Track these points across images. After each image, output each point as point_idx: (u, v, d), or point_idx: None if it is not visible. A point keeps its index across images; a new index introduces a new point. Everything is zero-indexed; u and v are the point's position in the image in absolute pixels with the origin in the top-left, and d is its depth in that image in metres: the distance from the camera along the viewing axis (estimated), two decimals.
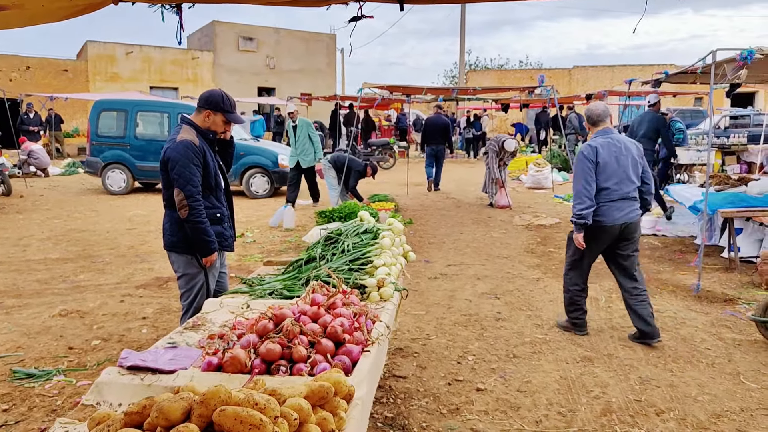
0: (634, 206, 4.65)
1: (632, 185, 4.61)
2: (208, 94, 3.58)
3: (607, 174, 4.56)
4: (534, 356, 4.40)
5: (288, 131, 10.94)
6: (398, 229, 4.13)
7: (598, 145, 4.60)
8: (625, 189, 4.57)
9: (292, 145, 10.78)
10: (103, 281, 6.42)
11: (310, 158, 10.71)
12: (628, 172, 4.59)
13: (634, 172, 4.62)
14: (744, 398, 3.71)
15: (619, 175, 4.56)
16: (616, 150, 4.59)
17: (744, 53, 5.73)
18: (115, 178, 13.23)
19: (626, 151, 4.62)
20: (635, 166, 4.64)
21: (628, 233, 4.64)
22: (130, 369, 2.37)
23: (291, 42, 30.38)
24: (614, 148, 4.60)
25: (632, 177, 4.61)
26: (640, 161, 4.68)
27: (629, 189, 4.59)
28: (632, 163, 4.62)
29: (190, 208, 3.42)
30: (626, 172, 4.58)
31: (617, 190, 4.55)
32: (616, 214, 4.55)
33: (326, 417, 1.87)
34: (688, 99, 27.72)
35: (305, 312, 2.68)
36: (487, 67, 46.35)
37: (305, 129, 10.63)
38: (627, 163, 4.59)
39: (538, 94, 13.13)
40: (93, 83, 25.37)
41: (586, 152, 4.61)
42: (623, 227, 4.58)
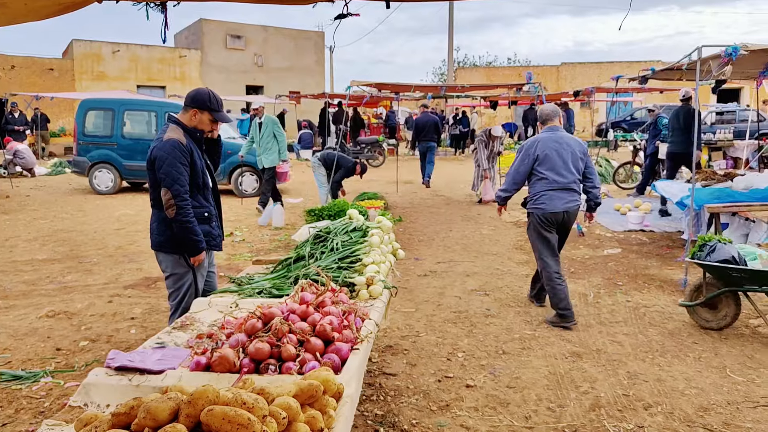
0: (575, 197, 5.08)
1: (571, 177, 5.04)
2: (195, 93, 3.56)
3: (548, 165, 5.01)
4: (523, 352, 4.42)
5: (253, 128, 10.26)
6: (387, 226, 4.13)
7: (541, 140, 5.10)
8: (564, 180, 5.01)
9: (256, 143, 10.15)
10: (91, 282, 6.38)
11: (272, 158, 10.11)
12: (567, 165, 5.01)
13: (574, 166, 5.04)
14: (730, 391, 3.75)
15: (559, 167, 5.00)
16: (558, 145, 5.04)
17: (729, 50, 5.79)
18: (103, 177, 13.13)
19: (567, 147, 5.06)
20: (576, 161, 5.06)
21: (568, 222, 5.12)
22: (118, 370, 2.36)
23: (279, 40, 30.27)
24: (556, 144, 5.05)
25: (572, 170, 5.03)
26: (582, 157, 5.11)
27: (568, 180, 5.02)
28: (572, 158, 5.04)
29: (178, 207, 3.40)
30: (566, 165, 5.01)
31: (557, 180, 5.00)
32: (557, 202, 5.00)
33: (315, 415, 1.87)
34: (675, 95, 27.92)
35: (294, 311, 2.67)
36: (475, 65, 46.43)
37: (270, 127, 10.04)
38: (567, 158, 5.02)
39: (526, 91, 13.18)
40: (79, 82, 25.15)
41: (527, 144, 5.18)
42: (563, 215, 5.03)
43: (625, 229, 8.92)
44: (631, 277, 6.39)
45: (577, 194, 5.11)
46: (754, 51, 6.05)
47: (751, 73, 8.39)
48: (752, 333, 4.74)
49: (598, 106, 29.00)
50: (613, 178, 13.93)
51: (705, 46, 6.05)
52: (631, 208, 10.07)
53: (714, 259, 4.74)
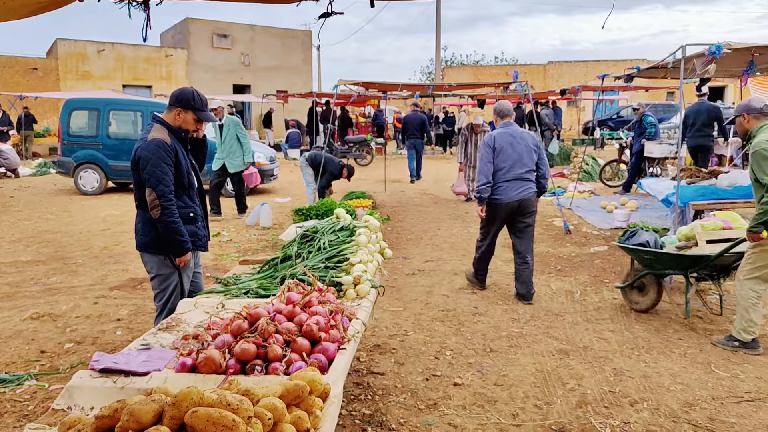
0: (529, 186, 5.54)
1: (525, 168, 5.51)
2: (179, 92, 3.53)
3: (503, 158, 5.49)
4: (510, 350, 4.44)
5: (214, 131, 9.66)
6: (374, 226, 4.12)
7: (497, 135, 5.59)
8: (518, 170, 5.48)
9: (218, 146, 9.64)
10: (77, 283, 6.32)
11: (237, 162, 9.59)
12: (521, 157, 5.50)
13: (527, 158, 5.53)
14: (715, 387, 3.78)
15: (513, 158, 5.48)
16: (512, 139, 5.55)
17: (712, 48, 5.84)
18: (88, 178, 13.02)
19: (521, 140, 5.57)
20: (529, 152, 5.55)
21: (524, 208, 5.54)
22: (103, 372, 2.34)
23: (266, 39, 30.16)
24: (511, 138, 5.56)
25: (525, 161, 5.51)
26: (534, 149, 5.61)
27: (522, 171, 5.49)
28: (526, 150, 5.53)
29: (163, 207, 3.38)
30: (520, 156, 5.50)
31: (511, 171, 5.47)
32: (510, 192, 5.47)
33: (301, 416, 1.87)
34: (660, 93, 28.17)
35: (280, 311, 2.66)
36: (463, 63, 46.54)
37: (233, 129, 9.50)
38: (521, 150, 5.51)
39: (513, 90, 13.22)
40: (64, 82, 24.92)
41: (487, 140, 5.61)
42: (518, 203, 5.49)
43: (612, 226, 8.98)
44: (617, 274, 6.43)
45: (531, 183, 5.57)
46: (737, 49, 6.10)
47: (735, 71, 8.47)
48: None
49: (584, 105, 29.19)
50: (599, 176, 14.02)
51: (689, 44, 6.11)
52: (617, 206, 10.15)
53: (632, 242, 5.28)
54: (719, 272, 5.02)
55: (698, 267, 4.87)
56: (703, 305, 5.34)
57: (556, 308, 5.37)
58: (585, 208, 10.64)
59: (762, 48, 6.59)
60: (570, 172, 14.95)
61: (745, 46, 6.34)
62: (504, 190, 5.47)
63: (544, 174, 5.69)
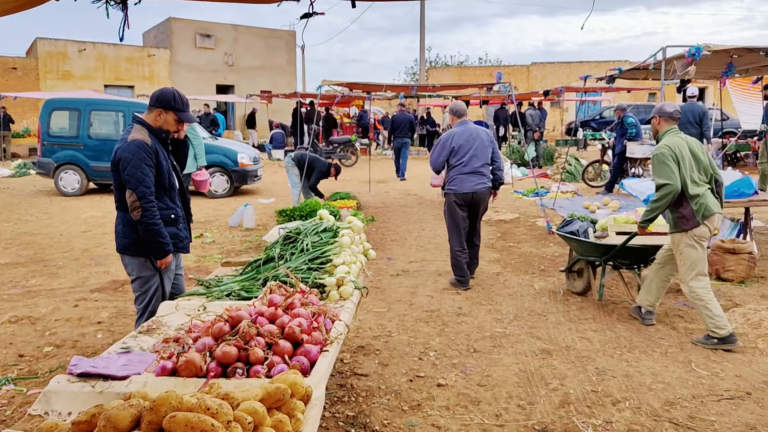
0: (483, 180, 6.04)
1: (479, 162, 5.99)
2: (159, 93, 3.50)
3: (461, 153, 5.97)
4: (494, 350, 4.45)
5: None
6: (358, 227, 4.11)
7: (455, 133, 6.09)
8: (474, 165, 5.97)
9: None
10: (56, 285, 6.24)
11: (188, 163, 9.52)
12: (477, 152, 5.98)
13: (482, 153, 6.02)
14: (695, 385, 3.82)
15: (469, 154, 5.97)
16: (468, 136, 6.03)
17: (692, 50, 5.91)
18: (69, 179, 12.86)
19: (477, 137, 6.05)
20: (484, 148, 6.04)
21: (478, 200, 6.05)
22: (81, 376, 2.30)
23: (250, 39, 30.01)
24: (467, 135, 6.05)
25: (480, 156, 6.00)
26: (489, 145, 6.11)
27: (477, 165, 5.98)
28: (481, 146, 6.02)
29: (143, 209, 3.34)
30: (475, 152, 5.98)
31: (467, 165, 5.96)
32: (466, 184, 5.96)
33: (282, 419, 1.85)
34: (642, 95, 28.45)
35: (262, 313, 2.64)
36: (447, 64, 46.65)
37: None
38: (476, 146, 6.00)
39: (496, 91, 13.28)
40: (44, 81, 24.59)
41: (444, 137, 6.18)
42: (472, 195, 5.97)
43: None
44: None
45: (485, 177, 6.07)
46: (716, 51, 6.19)
47: (715, 72, 8.59)
48: None
49: (567, 106, 29.38)
50: (582, 177, 14.12)
51: (669, 46, 6.18)
52: (599, 206, 10.23)
53: (565, 230, 5.83)
54: (636, 262, 5.39)
55: (610, 255, 5.29)
56: (683, 304, 5.40)
57: (539, 308, 5.40)
58: (568, 208, 10.71)
59: (740, 50, 6.68)
60: (553, 172, 15.05)
61: (724, 48, 6.42)
62: (461, 182, 5.98)
63: (499, 166, 6.22)
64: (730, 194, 6.86)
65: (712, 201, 4.53)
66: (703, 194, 4.49)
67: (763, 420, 3.38)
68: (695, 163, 4.61)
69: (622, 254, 5.24)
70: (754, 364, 4.14)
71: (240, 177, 12.77)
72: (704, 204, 4.46)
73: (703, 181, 4.61)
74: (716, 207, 4.53)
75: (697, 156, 4.63)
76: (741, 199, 6.83)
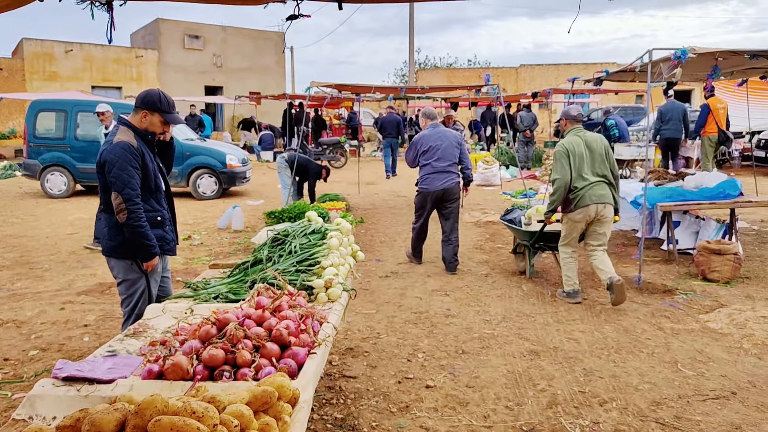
0: (451, 177, 6.58)
1: (448, 161, 6.56)
2: (145, 94, 3.48)
3: (430, 155, 6.56)
4: (482, 351, 4.46)
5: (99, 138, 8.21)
6: (346, 228, 4.11)
7: (425, 135, 6.72)
8: (443, 164, 6.53)
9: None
10: (42, 288, 6.18)
11: None
12: (445, 153, 6.54)
13: (450, 153, 6.58)
14: (681, 385, 3.85)
15: (438, 154, 6.54)
16: (438, 138, 6.63)
17: (678, 52, 5.95)
18: (55, 181, 12.75)
19: (445, 139, 6.64)
20: (452, 149, 6.60)
21: (448, 196, 6.59)
22: (66, 380, 2.28)
23: (238, 40, 29.91)
24: (437, 137, 6.65)
25: (448, 156, 6.56)
26: (456, 146, 6.66)
27: (445, 164, 6.54)
28: (449, 146, 6.59)
29: (129, 211, 3.32)
30: (444, 153, 6.54)
31: (437, 165, 6.53)
32: (436, 183, 6.54)
33: (269, 422, 1.85)
34: (630, 96, 28.64)
35: (250, 316, 2.63)
36: (436, 66, 46.72)
37: None
38: (445, 147, 6.56)
39: (485, 93, 13.33)
40: (30, 82, 24.35)
41: (416, 139, 6.81)
42: (442, 192, 6.54)
43: None
44: (587, 275, 6.51)
45: (454, 175, 6.63)
46: (701, 54, 6.23)
47: (700, 75, 8.66)
48: (702, 328, 4.88)
49: (556, 107, 29.53)
50: None
51: (656, 48, 6.21)
52: None
53: (505, 219, 6.78)
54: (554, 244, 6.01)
55: (533, 240, 6.14)
56: (669, 305, 5.44)
57: (527, 309, 5.42)
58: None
59: (726, 53, 6.74)
60: (541, 174, 15.11)
61: (709, 50, 6.47)
62: (431, 181, 6.55)
63: (467, 166, 6.81)
64: (716, 195, 6.94)
65: (591, 193, 5.35)
66: (584, 188, 5.37)
67: (747, 419, 3.42)
68: (590, 158, 5.44)
69: (543, 238, 6.04)
70: (739, 364, 4.18)
71: (228, 179, 12.73)
72: (580, 195, 5.37)
73: (596, 174, 5.42)
74: (593, 199, 5.35)
75: (594, 152, 5.45)
76: (726, 201, 6.90)
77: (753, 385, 3.84)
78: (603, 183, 5.43)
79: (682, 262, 6.91)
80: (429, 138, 6.64)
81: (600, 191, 5.38)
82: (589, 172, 5.40)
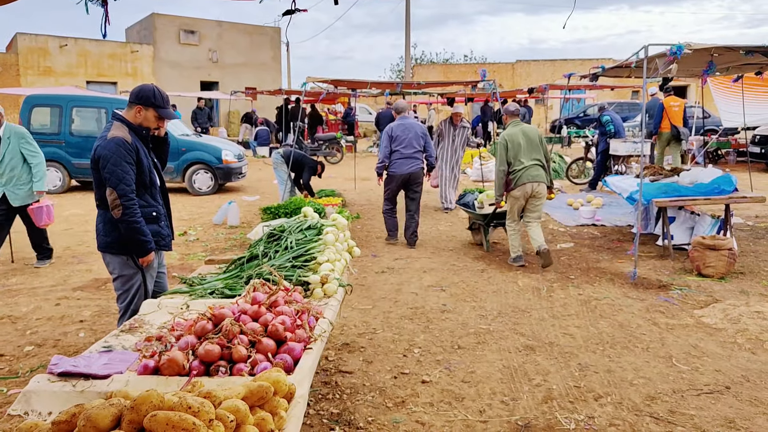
0: (416, 162, 7.65)
1: (413, 149, 7.61)
2: (139, 89, 3.47)
3: (398, 141, 7.62)
4: (478, 347, 4.47)
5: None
6: (342, 224, 4.11)
7: (395, 125, 7.75)
8: (408, 152, 7.60)
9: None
10: (38, 284, 6.17)
11: (22, 192, 6.52)
12: (411, 142, 7.61)
13: (416, 142, 7.63)
14: (676, 380, 3.87)
15: (405, 143, 7.60)
16: (405, 129, 7.68)
17: (674, 48, 5.96)
18: (50, 176, 12.60)
19: (411, 129, 7.69)
20: (417, 138, 7.66)
21: (413, 179, 7.67)
22: (62, 376, 2.28)
23: (234, 35, 29.79)
24: (404, 128, 7.68)
25: (414, 145, 7.61)
26: (422, 136, 7.71)
27: (411, 151, 7.60)
28: (415, 136, 7.65)
29: (124, 207, 3.31)
30: (410, 142, 7.60)
31: (403, 152, 7.60)
32: (403, 167, 7.60)
33: (265, 417, 1.85)
34: (626, 92, 28.69)
35: (245, 311, 2.64)
36: (432, 62, 46.69)
37: (14, 144, 6.43)
38: (411, 137, 7.62)
39: (481, 88, 13.32)
40: (24, 77, 24.22)
41: (387, 130, 7.79)
42: (408, 175, 7.61)
43: (578, 223, 9.13)
44: (583, 270, 6.54)
45: (419, 161, 7.67)
46: (697, 50, 6.24)
47: (696, 71, 8.66)
48: (696, 324, 4.91)
49: (552, 103, 29.55)
50: (566, 174, 14.21)
51: (651, 44, 6.22)
52: (583, 203, 10.32)
53: (461, 202, 8.14)
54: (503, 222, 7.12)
55: (488, 220, 7.36)
56: (664, 300, 5.46)
57: (522, 305, 5.43)
58: (552, 205, 10.77)
59: (721, 49, 6.75)
60: None
61: (705, 46, 6.48)
62: (399, 166, 7.61)
63: (430, 154, 7.79)
64: (711, 191, 6.96)
65: (527, 174, 6.51)
66: (521, 170, 6.52)
67: (741, 414, 3.44)
68: (527, 145, 6.57)
69: (494, 218, 7.27)
70: (732, 359, 4.21)
71: (224, 174, 12.71)
72: (518, 176, 6.54)
73: (532, 158, 6.55)
74: (529, 179, 6.50)
75: (531, 140, 6.61)
76: (721, 196, 6.93)
77: (746, 380, 3.86)
78: (537, 165, 6.56)
79: (677, 257, 6.93)
80: (397, 128, 7.69)
81: (534, 172, 6.52)
82: (525, 157, 6.52)
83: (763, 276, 6.23)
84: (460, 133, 10.20)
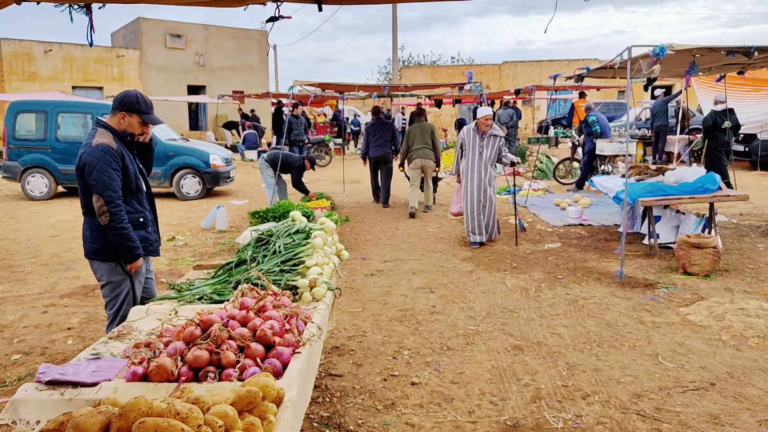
0: (384, 149, 11.03)
1: (382, 140, 10.97)
2: (122, 96, 3.46)
3: (372, 136, 10.98)
4: (467, 347, 4.50)
5: None
6: (330, 228, 4.13)
7: (371, 124, 11.26)
8: (380, 141, 10.96)
9: None
10: (24, 292, 6.13)
11: None
12: (383, 135, 10.98)
13: (385, 136, 10.99)
14: (662, 378, 3.92)
15: (377, 136, 10.97)
16: (377, 127, 11.07)
17: (656, 49, 6.03)
18: (36, 183, 12.61)
19: (382, 127, 11.08)
20: (387, 133, 11.02)
21: (383, 159, 11.05)
22: (50, 384, 2.28)
23: (221, 39, 29.70)
24: (377, 126, 11.07)
25: (384, 137, 10.99)
26: (389, 132, 11.06)
27: (381, 142, 10.97)
28: (384, 132, 11.01)
29: (111, 213, 3.31)
30: (382, 135, 10.97)
31: (376, 142, 10.97)
32: (375, 152, 11.03)
33: (254, 422, 1.86)
34: (612, 92, 28.88)
35: (234, 316, 2.65)
36: (420, 64, 46.79)
37: None
38: (382, 132, 11.00)
39: (468, 90, 13.38)
40: (9, 83, 23.99)
41: (366, 128, 11.48)
42: (377, 157, 11.03)
43: (565, 223, 9.19)
44: (570, 270, 6.59)
45: (387, 148, 11.02)
46: (679, 51, 6.31)
47: (678, 71, 8.76)
48: (682, 321, 4.96)
49: (539, 104, 29.71)
50: (553, 174, 14.31)
51: (635, 45, 6.28)
52: (570, 203, 10.39)
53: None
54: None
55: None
56: (651, 299, 5.52)
57: (511, 305, 5.47)
58: (539, 205, 10.86)
59: (703, 49, 6.84)
60: (525, 170, 15.22)
61: (687, 47, 6.56)
62: (374, 150, 11.02)
63: (395, 143, 11.21)
64: (695, 190, 7.04)
65: (419, 153, 10.13)
66: (415, 150, 10.18)
67: (726, 409, 3.49)
68: (420, 135, 10.18)
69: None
70: (717, 355, 4.26)
71: (212, 178, 12.67)
72: (412, 155, 10.20)
73: (423, 143, 10.16)
74: (420, 155, 10.14)
75: (425, 132, 10.22)
76: (705, 195, 7.01)
77: (731, 376, 3.92)
78: (426, 148, 10.17)
79: (663, 256, 7.01)
80: (372, 126, 11.15)
81: (422, 152, 10.15)
82: (419, 142, 10.17)
83: (747, 273, 6.31)
84: (490, 144, 7.71)
